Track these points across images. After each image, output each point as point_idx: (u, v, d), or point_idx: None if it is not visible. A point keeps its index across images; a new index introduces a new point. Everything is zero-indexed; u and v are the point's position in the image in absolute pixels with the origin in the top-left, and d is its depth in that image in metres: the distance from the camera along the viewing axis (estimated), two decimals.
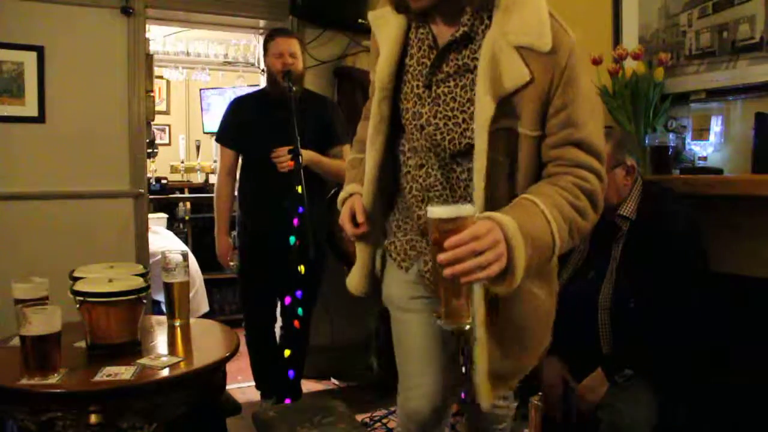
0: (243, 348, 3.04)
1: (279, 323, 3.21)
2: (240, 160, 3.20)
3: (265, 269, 3.05)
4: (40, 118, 3.32)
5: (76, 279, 1.99)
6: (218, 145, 3.26)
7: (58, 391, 1.68)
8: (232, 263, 3.22)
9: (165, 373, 1.83)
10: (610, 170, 2.10)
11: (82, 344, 1.98)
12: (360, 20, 3.81)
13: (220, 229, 3.18)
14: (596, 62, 2.58)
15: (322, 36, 3.93)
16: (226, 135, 3.17)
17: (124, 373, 1.76)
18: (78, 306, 1.90)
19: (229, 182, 3.19)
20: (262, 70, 3.49)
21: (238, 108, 3.17)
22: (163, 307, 2.39)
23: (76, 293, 1.90)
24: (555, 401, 2.08)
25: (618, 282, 2.04)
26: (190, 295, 2.59)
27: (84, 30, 3.40)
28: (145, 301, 2.01)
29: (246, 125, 3.06)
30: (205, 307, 4.53)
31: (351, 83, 3.93)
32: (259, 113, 3.06)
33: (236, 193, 3.24)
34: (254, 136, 3.02)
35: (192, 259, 4.01)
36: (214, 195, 3.24)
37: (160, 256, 2.34)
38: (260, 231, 3.06)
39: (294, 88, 2.82)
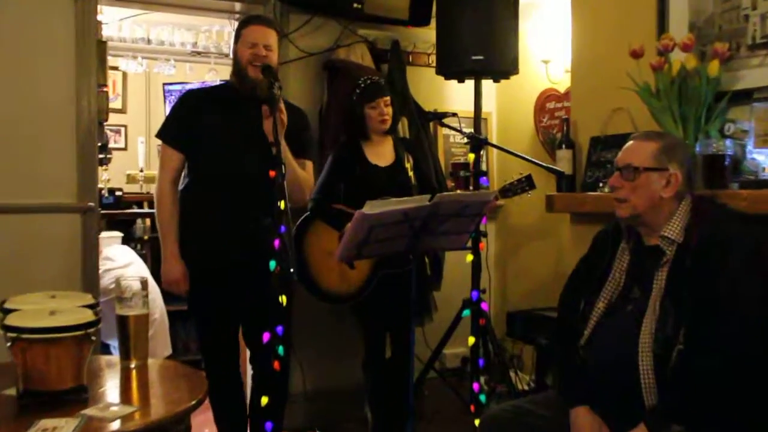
0: None
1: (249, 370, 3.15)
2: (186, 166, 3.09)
3: (226, 300, 3.01)
4: None
5: (8, 311, 1.95)
6: (162, 145, 3.15)
7: None
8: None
9: (115, 426, 1.80)
10: (644, 171, 2.10)
11: (12, 391, 1.95)
12: (355, 4, 3.82)
13: (168, 250, 3.08)
14: (636, 55, 2.58)
15: (309, 23, 3.94)
16: (176, 133, 3.05)
17: (63, 427, 1.73)
18: (9, 344, 1.87)
19: (174, 191, 3.09)
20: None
21: (195, 103, 3.09)
22: (113, 350, 2.36)
23: (8, 328, 1.87)
24: None
25: (663, 318, 2.02)
26: (150, 332, 2.55)
27: (22, 12, 3.39)
28: (94, 338, 1.98)
29: (205, 126, 2.98)
30: (167, 350, 4.45)
31: (344, 79, 3.91)
32: (224, 113, 3.00)
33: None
34: (217, 140, 2.95)
35: (153, 287, 3.95)
36: (155, 208, 3.12)
37: (113, 285, 2.33)
38: (223, 254, 2.98)
39: (277, 86, 2.79)
